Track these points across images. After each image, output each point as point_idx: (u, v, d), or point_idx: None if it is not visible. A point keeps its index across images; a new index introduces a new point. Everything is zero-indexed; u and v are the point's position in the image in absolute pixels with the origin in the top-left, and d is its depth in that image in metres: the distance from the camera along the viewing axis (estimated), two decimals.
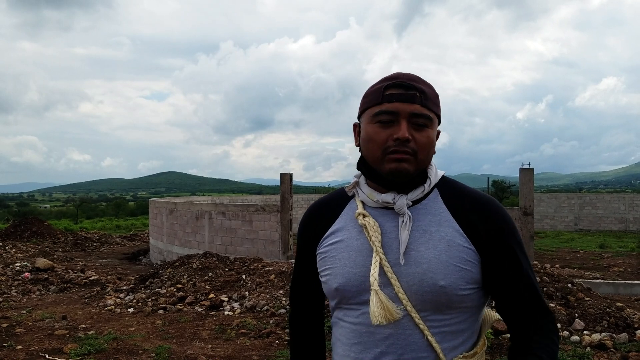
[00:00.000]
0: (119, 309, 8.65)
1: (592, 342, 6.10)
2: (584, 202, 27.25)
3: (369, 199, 1.43)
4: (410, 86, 1.38)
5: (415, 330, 1.34)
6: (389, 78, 1.41)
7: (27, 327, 7.56)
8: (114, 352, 6.25)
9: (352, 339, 1.40)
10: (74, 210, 48.82)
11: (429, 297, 1.33)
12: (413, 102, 1.36)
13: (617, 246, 18.88)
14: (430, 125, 1.39)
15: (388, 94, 1.38)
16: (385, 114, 1.37)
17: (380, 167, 1.38)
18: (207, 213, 14.43)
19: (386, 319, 1.30)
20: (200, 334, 6.98)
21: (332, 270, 1.43)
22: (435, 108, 1.41)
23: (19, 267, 12.85)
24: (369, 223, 1.39)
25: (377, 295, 1.31)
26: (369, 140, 1.40)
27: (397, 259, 1.35)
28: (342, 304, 1.43)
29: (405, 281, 1.34)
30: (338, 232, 1.47)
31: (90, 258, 17.00)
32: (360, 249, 1.40)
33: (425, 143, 1.38)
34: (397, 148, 1.35)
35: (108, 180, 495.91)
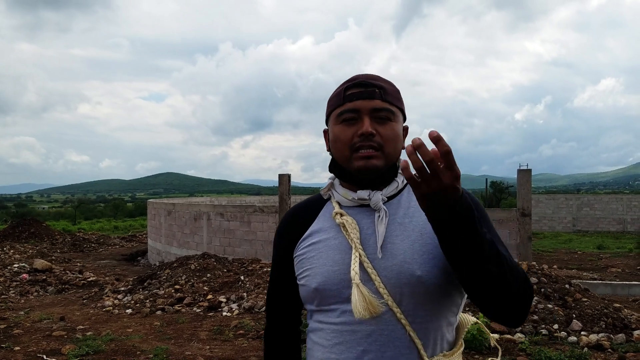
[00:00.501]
0: (117, 310, 8.64)
1: (589, 343, 6.11)
2: (582, 203, 27.30)
3: (345, 199, 1.46)
4: (368, 84, 1.43)
5: (397, 326, 1.34)
6: (349, 80, 1.47)
7: (25, 328, 7.55)
8: (112, 353, 6.24)
9: (334, 340, 1.39)
10: (72, 211, 48.78)
11: (408, 289, 1.33)
12: (373, 98, 1.41)
13: (615, 247, 18.92)
14: (394, 118, 1.43)
15: (349, 94, 1.43)
16: (348, 113, 1.41)
17: (350, 166, 1.42)
18: (205, 214, 14.43)
19: (369, 312, 1.30)
20: (198, 335, 6.98)
21: (310, 270, 1.43)
22: (396, 102, 1.45)
23: (17, 268, 12.83)
24: (347, 221, 1.41)
25: (358, 288, 1.31)
26: (336, 141, 1.44)
27: (375, 253, 1.37)
28: (322, 305, 1.42)
29: (384, 275, 1.35)
30: (315, 233, 1.48)
31: (89, 259, 16.98)
32: (339, 247, 1.41)
33: (390, 136, 1.41)
34: (363, 143, 1.38)
35: (106, 181, 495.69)
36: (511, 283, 1.23)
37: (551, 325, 6.65)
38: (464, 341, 5.03)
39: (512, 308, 1.26)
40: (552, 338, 6.39)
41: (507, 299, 1.24)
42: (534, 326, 6.63)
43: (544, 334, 6.46)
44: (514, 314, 1.27)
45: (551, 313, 6.87)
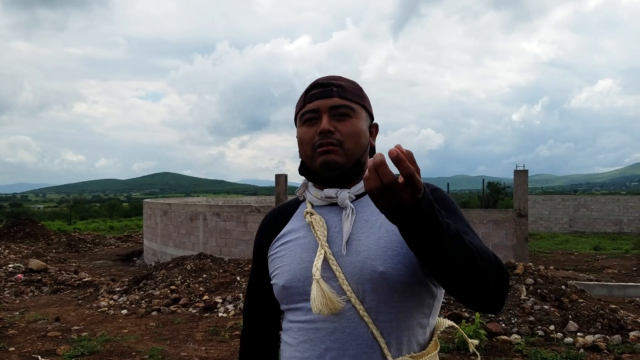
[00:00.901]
0: (112, 311, 8.61)
1: (585, 344, 6.11)
2: (579, 203, 27.35)
3: (315, 198, 1.48)
4: (327, 84, 1.45)
5: (360, 323, 1.33)
6: (311, 83, 1.49)
7: (20, 328, 7.51)
8: (107, 353, 6.22)
9: (299, 338, 1.39)
10: (67, 211, 48.66)
11: (370, 286, 1.33)
12: (331, 96, 1.43)
13: (612, 248, 18.96)
14: (354, 115, 1.45)
15: (309, 95, 1.46)
16: (308, 113, 1.45)
17: (313, 164, 1.44)
18: (201, 214, 14.40)
19: (327, 308, 1.29)
20: (194, 336, 6.96)
21: (280, 269, 1.44)
22: (357, 99, 1.47)
23: (12, 268, 12.77)
24: (315, 219, 1.43)
25: (318, 284, 1.31)
26: (300, 142, 1.48)
27: (340, 250, 1.38)
28: (290, 303, 1.43)
29: (347, 271, 1.35)
30: (288, 233, 1.50)
31: (84, 259, 16.93)
32: (307, 245, 1.42)
33: (350, 132, 1.42)
34: (322, 141, 1.40)
35: (102, 180, 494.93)
36: (482, 271, 1.20)
37: (547, 326, 6.65)
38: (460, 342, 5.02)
39: (486, 295, 1.23)
40: (548, 339, 6.39)
41: (479, 286, 1.21)
42: (530, 327, 6.63)
43: (540, 335, 6.46)
44: (489, 300, 1.25)
45: (547, 314, 6.87)
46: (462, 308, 7.24)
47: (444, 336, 6.49)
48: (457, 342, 6.05)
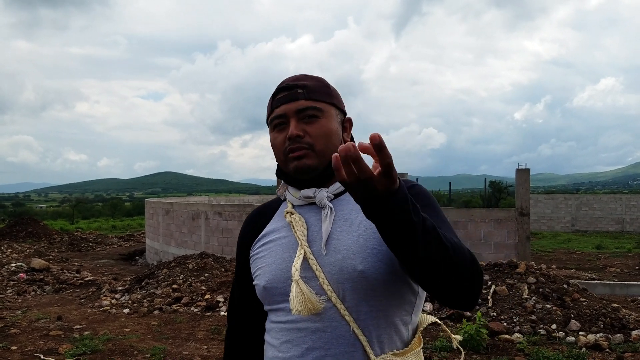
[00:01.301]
0: (114, 310, 8.62)
1: (587, 343, 6.11)
2: (581, 202, 27.31)
3: (295, 198, 1.48)
4: (292, 86, 1.43)
5: (341, 322, 1.33)
6: (277, 86, 1.48)
7: (22, 327, 7.53)
8: (109, 352, 6.22)
9: (282, 338, 1.39)
10: (69, 210, 48.73)
11: (350, 285, 1.33)
12: (297, 99, 1.41)
13: (614, 247, 18.92)
14: (322, 115, 1.42)
15: (276, 100, 1.45)
16: (277, 119, 1.43)
17: (287, 169, 1.44)
18: (203, 213, 14.41)
19: (306, 308, 1.29)
20: (196, 335, 6.96)
21: (261, 270, 1.44)
22: (324, 98, 1.45)
23: (14, 268, 12.80)
24: (295, 219, 1.43)
25: (297, 285, 1.31)
26: (272, 148, 1.47)
27: (320, 250, 1.37)
28: (272, 304, 1.42)
29: (327, 271, 1.34)
30: (269, 234, 1.49)
31: (86, 258, 16.95)
32: (288, 245, 1.42)
33: (320, 133, 1.41)
34: (292, 146, 1.39)
35: (104, 180, 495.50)
36: (456, 266, 1.18)
37: (549, 325, 6.64)
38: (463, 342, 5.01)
39: (460, 291, 1.21)
40: (550, 338, 6.38)
41: (453, 282, 1.19)
42: (532, 326, 6.63)
43: (542, 334, 6.45)
44: (463, 296, 1.22)
45: (549, 313, 6.86)
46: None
47: (446, 335, 6.49)
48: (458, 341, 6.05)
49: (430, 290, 1.23)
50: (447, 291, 1.21)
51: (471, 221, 10.69)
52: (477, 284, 1.24)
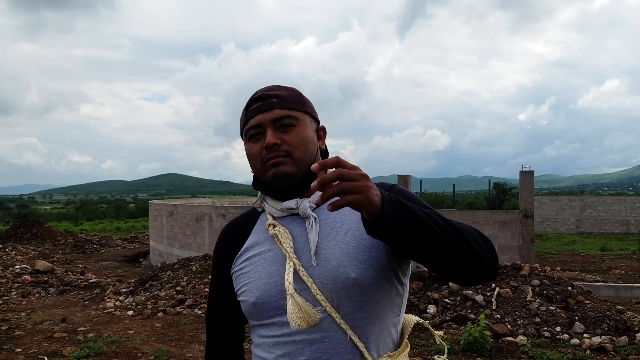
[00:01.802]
0: (118, 312, 8.63)
1: (592, 345, 6.09)
2: (586, 204, 27.23)
3: (274, 209, 1.46)
4: (266, 96, 1.44)
5: (338, 331, 1.34)
6: (250, 98, 1.48)
7: (26, 329, 7.55)
8: (113, 355, 6.24)
9: (276, 352, 1.39)
10: (74, 212, 48.83)
11: (345, 293, 1.34)
12: (272, 108, 1.42)
13: (619, 249, 18.85)
14: (298, 123, 1.43)
15: (250, 110, 1.44)
16: (252, 129, 1.43)
17: (265, 179, 1.43)
18: (207, 215, 14.43)
19: (305, 321, 1.30)
20: (199, 337, 6.97)
21: (248, 285, 1.43)
22: (298, 107, 1.45)
23: (18, 270, 12.83)
24: (279, 231, 1.42)
25: (293, 299, 1.31)
26: (249, 158, 1.46)
27: (309, 261, 1.37)
28: (263, 319, 1.41)
29: (320, 281, 1.35)
30: (252, 247, 1.48)
31: (90, 260, 16.99)
32: (274, 259, 1.41)
33: (297, 142, 1.41)
34: (270, 155, 1.39)
35: (108, 182, 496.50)
36: (472, 241, 1.24)
37: (553, 327, 6.62)
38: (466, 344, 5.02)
39: (481, 264, 1.25)
40: (554, 340, 6.36)
41: (472, 258, 1.23)
42: (536, 328, 6.61)
43: (546, 337, 6.44)
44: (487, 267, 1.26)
45: (553, 315, 6.84)
46: (468, 309, 7.22)
47: (450, 337, 6.48)
48: (462, 343, 6.04)
49: (453, 276, 1.26)
50: (473, 268, 1.24)
51: (475, 223, 10.67)
52: (492, 249, 1.28)
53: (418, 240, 1.18)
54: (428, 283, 8.16)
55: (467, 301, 7.41)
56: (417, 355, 5.83)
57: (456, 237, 1.22)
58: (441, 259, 1.21)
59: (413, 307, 7.48)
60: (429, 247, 1.19)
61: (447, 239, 1.20)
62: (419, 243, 1.18)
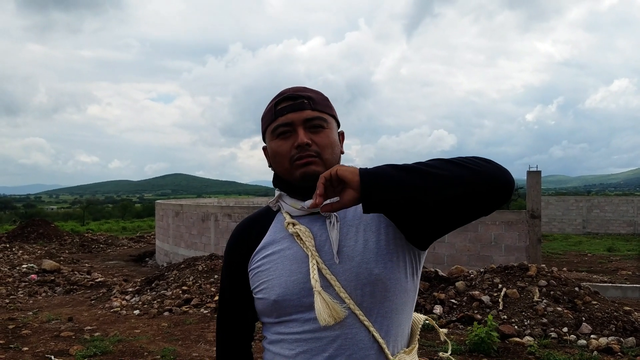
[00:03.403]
0: (124, 311, 8.66)
1: (599, 346, 6.05)
2: (593, 205, 27.12)
3: (294, 208, 1.48)
4: (297, 96, 1.46)
5: (360, 328, 1.37)
6: (277, 95, 1.50)
7: (33, 328, 7.58)
8: (120, 354, 6.25)
9: (297, 349, 1.40)
10: (80, 212, 49.02)
11: (368, 289, 1.37)
12: (303, 109, 1.44)
13: (626, 249, 18.77)
14: (327, 125, 1.47)
15: (279, 108, 1.46)
16: (282, 127, 1.45)
17: (292, 177, 1.45)
18: (213, 215, 14.45)
19: (333, 318, 1.32)
20: (205, 337, 6.97)
21: (268, 283, 1.44)
22: (327, 110, 1.49)
23: (25, 269, 12.90)
24: (300, 230, 1.43)
25: (320, 296, 1.33)
26: (275, 155, 1.48)
27: (332, 259, 1.39)
28: (283, 316, 1.43)
29: (343, 279, 1.37)
30: (269, 245, 1.49)
31: (97, 260, 17.05)
32: (295, 257, 1.42)
33: (326, 143, 1.45)
34: (301, 154, 1.41)
35: (115, 182, 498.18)
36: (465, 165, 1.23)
37: (560, 328, 6.59)
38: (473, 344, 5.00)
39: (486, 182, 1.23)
40: (561, 341, 6.34)
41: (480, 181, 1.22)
42: (543, 329, 6.58)
43: (553, 337, 6.41)
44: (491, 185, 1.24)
45: (560, 316, 6.81)
46: (474, 310, 7.20)
47: (456, 338, 6.46)
48: (468, 343, 6.02)
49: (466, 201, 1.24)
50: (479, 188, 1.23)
51: (481, 223, 10.64)
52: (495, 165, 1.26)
53: (413, 189, 1.21)
54: (434, 283, 8.14)
55: (474, 301, 7.38)
56: (423, 356, 5.81)
57: (452, 167, 1.23)
58: (448, 192, 1.21)
59: (419, 307, 7.46)
60: (428, 188, 1.21)
61: (444, 172, 1.21)
62: (415, 191, 1.21)
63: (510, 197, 1.26)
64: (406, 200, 1.21)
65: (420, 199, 1.21)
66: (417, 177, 1.21)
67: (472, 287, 7.78)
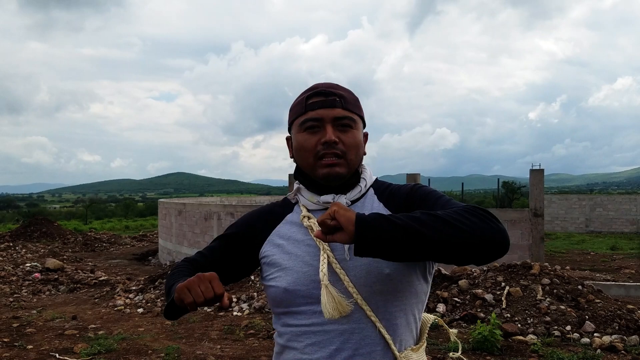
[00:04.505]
0: (128, 309, 8.68)
1: (602, 345, 6.06)
2: (595, 203, 27.06)
3: (310, 202, 1.50)
4: (329, 93, 1.46)
5: (368, 323, 1.39)
6: (309, 89, 1.50)
7: (37, 327, 7.60)
8: (124, 351, 6.27)
9: (305, 341, 1.42)
10: (83, 210, 49.08)
11: (378, 287, 1.38)
12: (334, 106, 1.45)
13: (629, 248, 18.73)
14: (355, 126, 1.48)
15: (310, 102, 1.46)
16: (311, 121, 1.45)
17: (314, 173, 1.46)
18: (215, 214, 14.46)
19: (338, 312, 1.33)
20: (209, 335, 6.99)
21: (280, 272, 1.45)
22: (356, 110, 1.50)
23: (29, 268, 12.93)
24: (314, 223, 1.45)
25: (327, 289, 1.34)
26: (300, 149, 1.48)
27: (343, 254, 1.41)
28: (292, 306, 1.44)
29: (353, 274, 1.39)
30: (284, 235, 1.51)
31: (100, 258, 17.08)
32: (308, 249, 1.44)
33: (353, 143, 1.46)
34: (327, 151, 1.42)
35: (117, 181, 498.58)
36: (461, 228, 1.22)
37: (564, 326, 6.60)
38: (476, 343, 5.03)
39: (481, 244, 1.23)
40: (564, 339, 6.34)
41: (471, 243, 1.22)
42: (546, 327, 6.59)
43: (556, 336, 6.41)
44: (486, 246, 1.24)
45: (563, 314, 6.81)
46: (477, 308, 7.21)
47: (460, 336, 6.46)
48: (472, 342, 6.03)
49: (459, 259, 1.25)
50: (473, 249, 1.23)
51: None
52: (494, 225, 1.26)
53: (403, 246, 1.19)
54: (437, 281, 8.14)
55: (477, 300, 7.39)
56: (427, 354, 5.82)
57: (444, 228, 1.20)
58: (438, 251, 1.22)
59: None
60: (418, 247, 1.20)
61: (434, 234, 1.20)
62: (404, 248, 1.20)
63: (504, 254, 1.31)
64: (396, 256, 1.22)
65: (411, 257, 1.22)
66: (410, 237, 1.20)
67: (475, 285, 7.78)
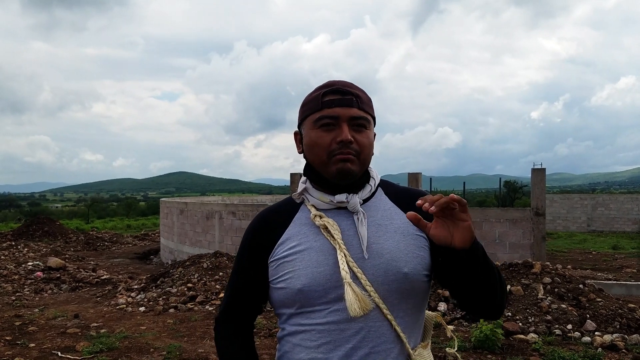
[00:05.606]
0: (130, 308, 8.70)
1: (603, 343, 6.06)
2: (597, 202, 27.02)
3: (320, 202, 1.49)
4: (346, 91, 1.46)
5: (384, 322, 1.40)
6: (325, 85, 1.50)
7: (39, 325, 7.62)
8: (126, 350, 6.29)
9: (320, 340, 1.41)
10: (85, 210, 49.13)
11: (395, 286, 1.41)
12: (351, 106, 1.45)
13: (630, 247, 18.71)
14: (369, 126, 1.48)
15: (327, 100, 1.45)
16: (327, 119, 1.44)
17: (327, 170, 1.45)
18: (217, 213, 14.48)
19: (362, 309, 1.34)
20: (210, 333, 7.00)
21: (293, 273, 1.44)
22: (370, 110, 1.51)
23: (31, 266, 12.95)
24: (329, 222, 1.44)
25: (350, 287, 1.35)
26: (313, 145, 1.47)
27: (360, 254, 1.41)
28: (306, 306, 1.43)
29: (370, 273, 1.40)
30: (293, 237, 1.49)
31: (102, 257, 17.10)
32: (321, 249, 1.44)
33: (366, 143, 1.47)
34: (342, 150, 1.42)
35: (119, 180, 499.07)
36: (497, 289, 1.42)
37: (565, 325, 6.60)
38: (477, 341, 5.04)
39: (497, 306, 1.44)
40: (565, 338, 6.34)
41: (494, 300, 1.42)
42: (547, 326, 6.59)
43: (557, 334, 6.41)
44: (498, 310, 1.45)
45: (565, 313, 6.82)
46: None
47: (461, 335, 6.47)
48: (473, 340, 6.04)
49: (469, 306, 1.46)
50: (486, 307, 1.44)
51: (486, 221, 10.64)
52: (505, 296, 1.48)
53: (477, 275, 1.36)
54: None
55: None
56: None
57: (495, 283, 1.40)
58: (478, 295, 1.39)
59: None
60: (479, 283, 1.37)
61: (492, 282, 1.39)
62: (476, 277, 1.36)
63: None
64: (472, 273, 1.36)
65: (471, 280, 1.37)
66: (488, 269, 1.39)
67: None
